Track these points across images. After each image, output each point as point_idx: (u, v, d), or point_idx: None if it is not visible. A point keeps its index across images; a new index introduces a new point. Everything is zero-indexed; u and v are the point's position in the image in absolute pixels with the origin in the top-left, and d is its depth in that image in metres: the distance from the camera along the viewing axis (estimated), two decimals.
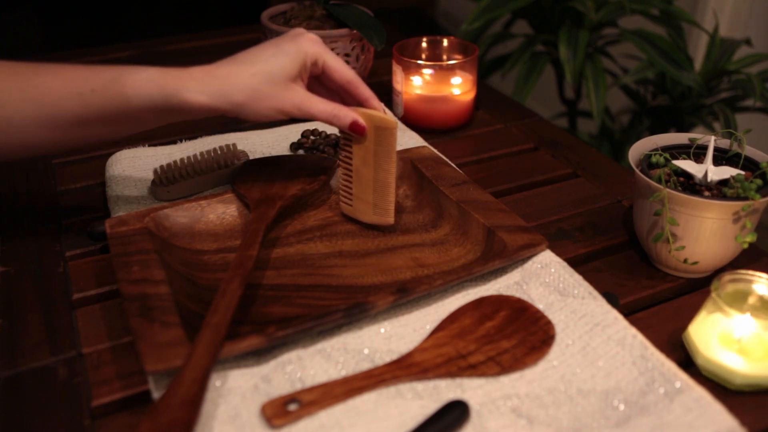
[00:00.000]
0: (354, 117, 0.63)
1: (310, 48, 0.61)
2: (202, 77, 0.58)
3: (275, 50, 0.60)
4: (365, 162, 0.65)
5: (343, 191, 0.68)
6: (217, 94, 0.57)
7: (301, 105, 0.60)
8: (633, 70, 1.36)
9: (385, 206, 0.66)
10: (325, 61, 0.63)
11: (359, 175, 0.66)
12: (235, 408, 0.49)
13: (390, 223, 0.67)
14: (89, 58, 1.17)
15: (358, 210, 0.68)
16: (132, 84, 0.56)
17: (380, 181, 0.65)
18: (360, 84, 0.64)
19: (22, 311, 0.60)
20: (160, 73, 0.57)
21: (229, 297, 0.54)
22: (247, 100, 0.58)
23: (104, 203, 0.75)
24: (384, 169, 0.65)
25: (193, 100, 0.57)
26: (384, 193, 0.66)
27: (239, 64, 0.60)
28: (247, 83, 0.58)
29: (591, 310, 0.56)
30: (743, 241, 0.60)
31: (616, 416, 0.49)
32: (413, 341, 0.55)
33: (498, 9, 1.30)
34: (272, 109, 0.60)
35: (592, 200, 0.77)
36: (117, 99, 0.57)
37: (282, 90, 0.59)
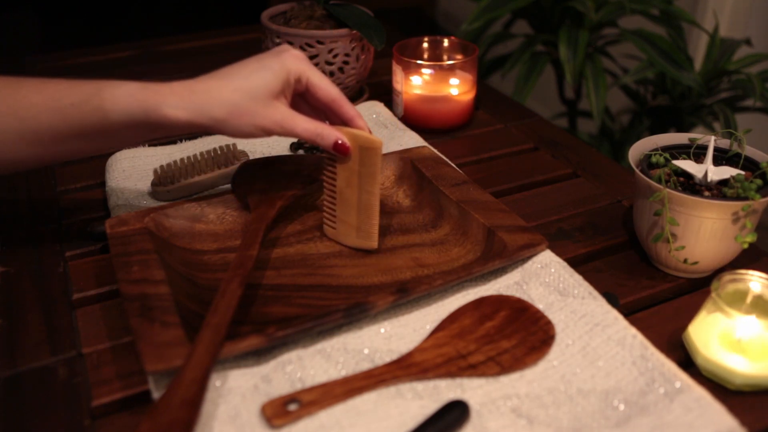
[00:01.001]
0: (337, 136, 0.61)
1: (293, 65, 0.60)
2: (182, 92, 0.56)
3: (258, 66, 0.59)
4: (349, 183, 0.63)
5: (327, 213, 0.66)
6: (197, 109, 0.56)
7: (283, 123, 0.59)
8: (633, 70, 1.36)
9: (368, 229, 0.64)
10: (309, 78, 0.61)
11: (343, 196, 0.64)
12: (235, 408, 0.49)
13: (373, 247, 0.65)
14: (89, 58, 1.17)
15: (342, 233, 0.66)
16: (111, 99, 0.55)
17: (364, 203, 0.63)
18: (345, 102, 0.63)
19: (22, 311, 0.60)
20: (139, 88, 0.56)
21: (229, 297, 0.54)
22: (227, 116, 0.57)
23: (104, 203, 0.75)
24: (368, 191, 0.63)
25: (172, 116, 0.56)
26: (368, 216, 0.64)
27: (220, 79, 0.58)
28: (228, 99, 0.57)
29: (591, 310, 0.56)
30: (743, 241, 0.60)
31: (616, 416, 0.49)
32: (413, 341, 0.55)
33: (498, 9, 1.30)
34: (253, 126, 0.58)
35: (592, 200, 0.77)
36: (96, 114, 0.56)
37: (264, 107, 0.58)
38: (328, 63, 0.90)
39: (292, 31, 0.88)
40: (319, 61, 0.89)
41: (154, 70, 1.12)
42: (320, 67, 0.89)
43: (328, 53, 0.89)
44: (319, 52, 0.89)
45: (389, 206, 0.73)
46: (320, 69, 0.90)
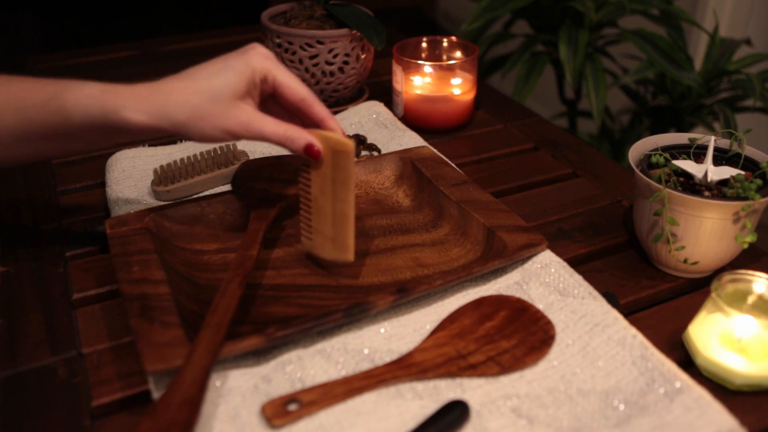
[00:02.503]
0: (308, 139, 0.57)
1: (258, 63, 0.57)
2: (143, 95, 0.54)
3: (222, 65, 0.56)
4: (323, 191, 0.59)
5: (303, 224, 0.62)
6: (157, 113, 0.54)
7: (249, 125, 0.56)
8: (633, 70, 1.36)
9: (344, 241, 0.60)
10: (276, 77, 0.58)
11: (318, 205, 0.60)
12: (235, 408, 0.49)
13: (349, 260, 0.60)
14: (89, 58, 1.17)
15: (318, 245, 0.62)
16: (73, 99, 0.53)
17: (338, 213, 0.59)
18: (315, 102, 0.59)
19: (22, 311, 0.60)
20: (101, 90, 0.54)
21: (229, 297, 0.54)
22: (188, 120, 0.54)
23: (104, 203, 0.75)
24: (342, 199, 0.58)
25: (132, 119, 0.53)
26: (343, 226, 0.59)
27: (183, 80, 0.56)
28: (189, 101, 0.54)
29: (591, 310, 0.56)
30: (743, 241, 0.60)
31: (616, 416, 0.49)
32: (413, 341, 0.55)
33: (498, 9, 1.30)
34: (217, 128, 0.55)
35: (592, 200, 0.77)
36: (58, 114, 0.54)
37: (227, 108, 0.55)
38: (328, 63, 0.90)
39: (292, 31, 0.88)
40: (319, 61, 0.89)
41: (154, 70, 1.12)
42: (320, 67, 0.90)
43: (328, 53, 0.89)
44: (319, 52, 0.89)
45: (389, 206, 0.73)
46: (320, 69, 0.90)
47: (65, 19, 2.31)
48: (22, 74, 0.57)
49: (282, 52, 0.90)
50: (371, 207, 0.72)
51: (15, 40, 2.18)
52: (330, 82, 0.91)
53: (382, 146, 0.84)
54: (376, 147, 0.83)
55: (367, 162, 0.75)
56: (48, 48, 2.18)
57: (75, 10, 2.28)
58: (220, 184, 0.76)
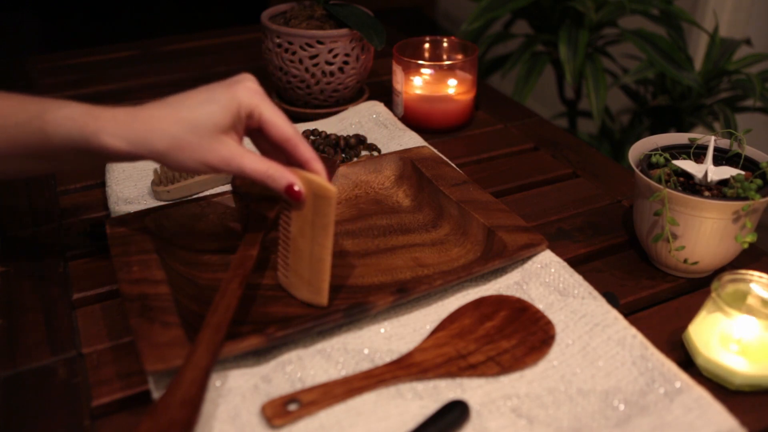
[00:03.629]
0: (290, 180, 0.55)
1: (245, 97, 0.55)
2: (124, 120, 0.53)
3: (207, 96, 0.55)
4: (302, 232, 0.58)
5: (281, 261, 0.61)
6: (136, 140, 0.53)
7: (230, 160, 0.54)
8: (633, 70, 1.36)
9: (319, 284, 0.58)
10: (262, 114, 0.56)
11: (296, 245, 0.59)
12: (235, 408, 0.49)
13: (323, 304, 0.58)
14: (89, 58, 1.17)
15: (293, 284, 0.60)
16: (53, 121, 0.52)
17: (316, 256, 0.57)
18: (300, 142, 0.57)
19: (22, 311, 0.60)
20: (82, 112, 0.53)
21: (229, 297, 0.54)
22: (167, 149, 0.53)
23: (104, 203, 0.75)
24: (320, 244, 0.56)
25: (110, 145, 0.52)
26: (318, 270, 0.57)
27: (165, 108, 0.54)
28: (169, 130, 0.53)
29: (591, 310, 0.56)
30: (743, 241, 0.60)
31: (616, 416, 0.49)
32: (413, 341, 0.55)
33: (498, 9, 1.30)
34: (196, 161, 0.54)
35: (592, 200, 0.77)
36: (38, 135, 0.53)
37: (208, 142, 0.53)
38: (328, 63, 0.90)
39: (292, 31, 0.88)
40: (319, 61, 0.89)
41: (154, 70, 1.12)
42: (320, 67, 0.90)
43: (328, 53, 0.89)
44: (319, 52, 0.89)
45: (389, 206, 0.73)
46: (320, 69, 0.90)
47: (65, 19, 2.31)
48: (26, 75, 0.57)
49: (282, 52, 0.90)
50: (371, 207, 0.72)
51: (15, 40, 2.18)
52: (330, 82, 0.91)
53: (382, 146, 0.84)
54: (376, 147, 0.83)
55: (367, 162, 0.75)
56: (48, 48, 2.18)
57: (75, 10, 2.28)
58: (220, 184, 0.76)
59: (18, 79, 1.08)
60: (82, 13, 2.28)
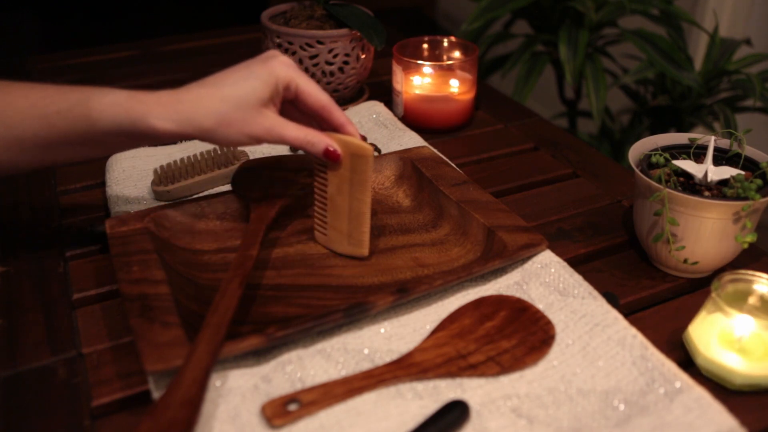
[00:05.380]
0: (328, 143, 0.60)
1: (282, 71, 0.59)
2: (169, 102, 0.56)
3: (246, 73, 0.58)
4: (340, 190, 0.63)
5: (318, 219, 0.66)
6: (184, 120, 0.55)
7: (272, 130, 0.58)
8: (633, 70, 1.36)
9: (359, 237, 0.63)
10: (298, 85, 0.60)
11: (334, 203, 0.63)
12: (235, 408, 0.49)
13: (364, 255, 0.64)
14: (89, 58, 1.17)
15: (333, 239, 0.65)
16: (98, 107, 0.55)
17: (355, 211, 0.62)
18: (335, 109, 0.62)
19: (22, 311, 0.60)
20: (126, 97, 0.55)
21: (229, 297, 0.54)
22: (216, 126, 0.56)
23: (104, 203, 0.75)
24: (359, 199, 0.62)
25: (159, 127, 0.55)
26: (359, 223, 0.63)
27: (208, 87, 0.57)
28: (216, 108, 0.56)
29: (591, 310, 0.56)
30: (743, 241, 0.60)
31: (616, 416, 0.49)
32: (413, 341, 0.55)
33: (498, 9, 1.30)
34: (243, 134, 0.57)
35: (592, 200, 0.77)
36: (82, 122, 0.55)
37: (253, 115, 0.57)
38: (328, 63, 0.90)
39: (292, 31, 0.88)
40: (319, 61, 0.89)
41: (154, 70, 1.12)
42: (320, 67, 0.90)
43: (328, 53, 0.89)
44: (319, 52, 0.89)
45: (389, 206, 0.73)
46: (320, 69, 0.90)
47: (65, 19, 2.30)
48: (22, 75, 0.57)
49: (282, 52, 0.90)
50: (371, 206, 0.72)
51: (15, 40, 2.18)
52: (330, 82, 0.91)
53: (382, 146, 0.84)
54: (376, 147, 0.83)
55: None
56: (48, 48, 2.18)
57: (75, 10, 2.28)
58: (220, 184, 0.76)
59: (18, 79, 1.08)
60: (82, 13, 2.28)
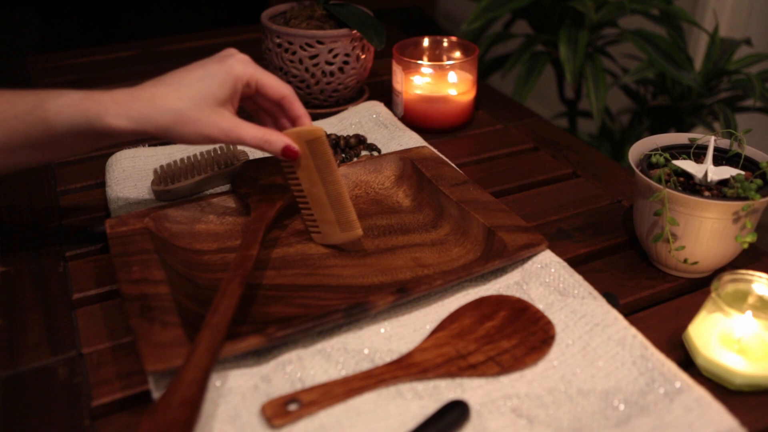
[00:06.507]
0: (285, 142, 0.61)
1: (239, 69, 0.60)
2: (125, 101, 0.56)
3: (202, 73, 0.59)
4: (312, 182, 0.63)
5: (307, 220, 0.66)
6: (140, 117, 0.56)
7: (229, 131, 0.58)
8: (633, 70, 1.36)
9: (347, 219, 0.64)
10: (258, 80, 0.61)
11: (313, 197, 0.64)
12: (235, 408, 0.49)
13: (359, 234, 0.64)
14: (89, 58, 1.17)
15: (327, 234, 0.65)
16: (54, 109, 0.55)
17: (333, 195, 0.63)
18: (294, 100, 0.63)
19: (22, 311, 0.60)
20: (82, 98, 0.56)
21: (229, 297, 0.54)
22: (171, 124, 0.57)
23: (104, 203, 0.75)
24: (331, 181, 0.63)
25: (115, 125, 0.55)
26: (341, 206, 0.63)
27: (165, 86, 0.58)
28: (172, 107, 0.56)
29: (591, 310, 0.56)
30: (743, 241, 0.60)
31: (616, 416, 0.49)
32: (413, 341, 0.55)
33: (498, 9, 1.30)
34: (198, 134, 0.58)
35: (592, 200, 0.77)
36: (40, 125, 0.55)
37: (209, 115, 0.58)
38: (328, 63, 0.90)
39: (292, 31, 0.88)
40: (319, 61, 0.89)
41: (154, 70, 1.12)
42: (320, 67, 0.90)
43: (328, 53, 0.89)
44: (319, 52, 0.89)
45: (389, 206, 0.73)
46: (320, 69, 0.90)
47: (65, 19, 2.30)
48: (26, 75, 0.57)
49: (282, 52, 0.90)
50: (371, 207, 0.72)
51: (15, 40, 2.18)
52: (330, 82, 0.91)
53: (382, 146, 0.84)
54: (376, 147, 0.83)
55: (367, 162, 0.75)
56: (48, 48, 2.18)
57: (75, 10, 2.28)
58: (220, 184, 0.76)
59: (18, 79, 1.08)
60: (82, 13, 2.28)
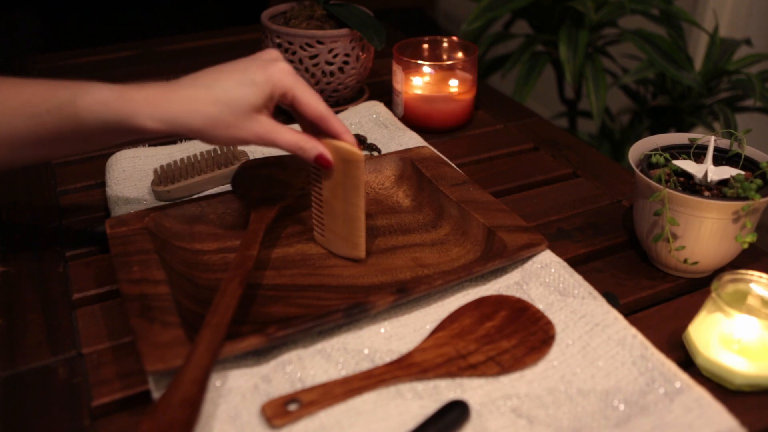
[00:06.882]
0: (319, 151, 0.60)
1: (279, 80, 0.58)
2: (158, 101, 0.55)
3: (242, 77, 0.57)
4: (335, 194, 0.62)
5: (315, 220, 0.66)
6: (173, 120, 0.55)
7: (264, 136, 0.58)
8: (633, 70, 1.36)
9: (355, 240, 0.63)
10: (295, 95, 0.59)
11: (329, 206, 0.64)
12: (235, 408, 0.49)
13: (361, 257, 0.64)
14: (89, 58, 1.17)
15: (330, 241, 0.65)
16: (85, 106, 0.54)
17: (350, 215, 0.62)
18: (331, 118, 0.61)
19: (22, 311, 0.60)
20: (114, 97, 0.55)
21: (229, 297, 0.54)
22: (204, 128, 0.56)
23: (104, 203, 0.75)
24: (353, 203, 0.62)
25: (148, 126, 0.55)
26: (354, 227, 0.63)
27: (201, 88, 0.56)
28: (206, 111, 0.55)
29: (591, 310, 0.56)
30: (743, 241, 0.60)
31: (616, 416, 0.49)
32: (413, 341, 0.55)
33: (498, 9, 1.30)
34: (232, 138, 0.57)
35: (592, 200, 0.77)
36: (71, 121, 0.55)
37: (243, 120, 0.57)
38: (328, 63, 0.90)
39: (292, 31, 0.88)
40: (319, 61, 0.89)
41: (154, 70, 1.12)
42: (320, 67, 0.90)
43: (328, 53, 0.89)
44: (319, 52, 0.89)
45: (389, 206, 0.73)
46: (320, 69, 0.90)
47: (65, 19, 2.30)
48: (26, 75, 0.57)
49: (282, 52, 0.90)
50: (371, 207, 0.72)
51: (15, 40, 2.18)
52: (330, 82, 0.91)
53: (382, 146, 0.84)
54: (376, 147, 0.83)
55: (367, 162, 0.75)
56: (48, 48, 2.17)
57: (75, 10, 2.28)
58: (220, 184, 0.76)
59: None
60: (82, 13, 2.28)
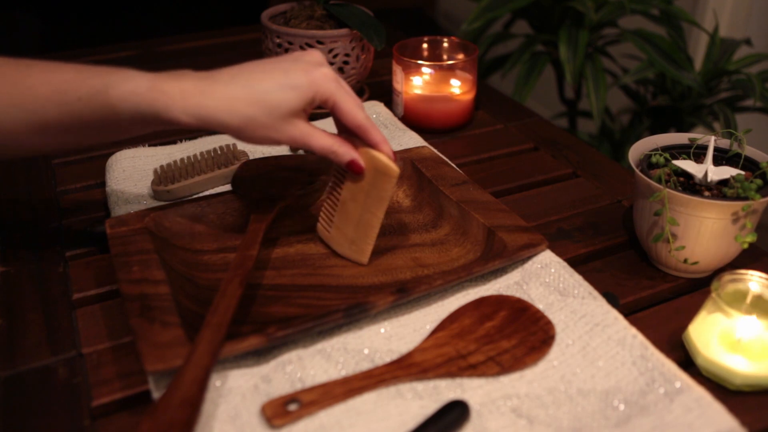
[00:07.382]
0: (353, 157, 0.59)
1: (322, 86, 0.57)
2: (194, 95, 0.54)
3: (284, 80, 0.56)
4: (355, 198, 0.62)
5: (324, 215, 0.65)
6: (208, 117, 0.54)
7: (299, 139, 0.57)
8: (633, 70, 1.36)
9: (363, 246, 0.63)
10: (336, 103, 0.58)
11: (345, 207, 0.63)
12: (235, 408, 0.49)
13: (363, 263, 0.63)
14: (89, 58, 1.17)
15: (335, 239, 0.65)
16: (119, 95, 0.54)
17: (365, 222, 0.62)
18: (371, 128, 0.60)
19: (22, 311, 0.60)
20: (149, 86, 0.54)
21: (229, 297, 0.54)
22: (240, 128, 0.55)
23: (104, 203, 0.75)
24: (372, 212, 0.61)
25: (182, 120, 0.54)
26: (365, 234, 0.63)
27: (240, 86, 0.55)
28: (244, 111, 0.55)
29: (591, 310, 0.56)
30: (743, 241, 0.60)
31: (616, 416, 0.49)
32: (413, 341, 0.55)
33: (498, 9, 1.30)
34: (267, 138, 0.56)
35: (592, 200, 0.77)
36: (104, 109, 0.54)
37: (281, 123, 0.56)
38: (328, 63, 0.90)
39: (292, 31, 0.88)
40: None
41: (154, 70, 1.12)
42: None
43: (328, 53, 0.89)
44: None
45: (389, 206, 0.73)
46: None
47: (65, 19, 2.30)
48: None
49: (282, 52, 0.90)
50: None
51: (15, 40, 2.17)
52: None
53: None
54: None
55: None
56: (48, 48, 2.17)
57: (75, 10, 2.27)
58: (220, 184, 0.76)
59: None
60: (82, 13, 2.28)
